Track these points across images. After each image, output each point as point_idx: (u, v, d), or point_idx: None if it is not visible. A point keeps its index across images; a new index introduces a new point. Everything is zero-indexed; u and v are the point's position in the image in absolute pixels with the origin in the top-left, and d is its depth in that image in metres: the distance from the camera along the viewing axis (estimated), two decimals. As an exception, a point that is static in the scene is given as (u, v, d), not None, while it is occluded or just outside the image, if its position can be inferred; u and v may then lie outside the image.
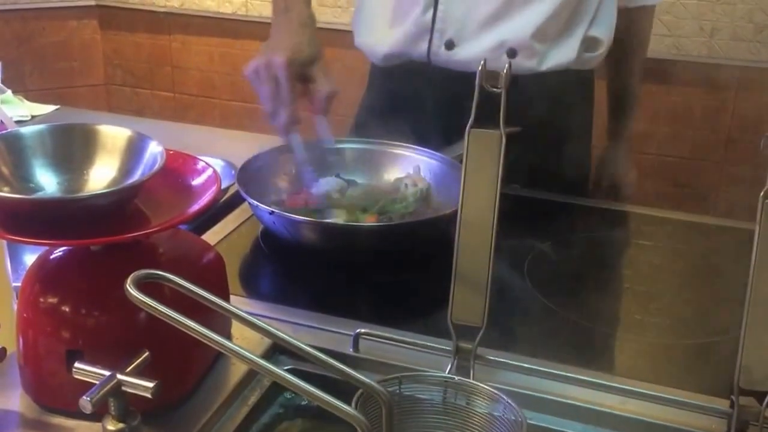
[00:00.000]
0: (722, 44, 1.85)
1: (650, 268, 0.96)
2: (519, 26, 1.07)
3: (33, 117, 1.39)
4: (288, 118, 0.96)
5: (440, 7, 1.09)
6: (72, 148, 0.64)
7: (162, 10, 2.31)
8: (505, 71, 0.60)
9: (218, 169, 0.68)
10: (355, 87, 1.32)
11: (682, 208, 1.30)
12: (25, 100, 1.44)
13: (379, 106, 1.20)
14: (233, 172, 1.08)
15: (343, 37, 2.03)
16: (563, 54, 1.10)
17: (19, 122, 1.33)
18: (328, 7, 2.10)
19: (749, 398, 0.59)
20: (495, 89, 0.60)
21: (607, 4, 1.12)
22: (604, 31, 1.13)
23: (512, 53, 1.08)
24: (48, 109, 1.43)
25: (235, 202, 1.02)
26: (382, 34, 1.15)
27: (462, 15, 1.08)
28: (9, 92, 1.42)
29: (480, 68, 0.60)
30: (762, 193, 0.56)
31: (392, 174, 1.05)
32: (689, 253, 1.00)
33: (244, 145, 1.17)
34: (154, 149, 0.63)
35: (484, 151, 0.62)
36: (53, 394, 0.62)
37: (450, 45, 1.10)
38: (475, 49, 1.08)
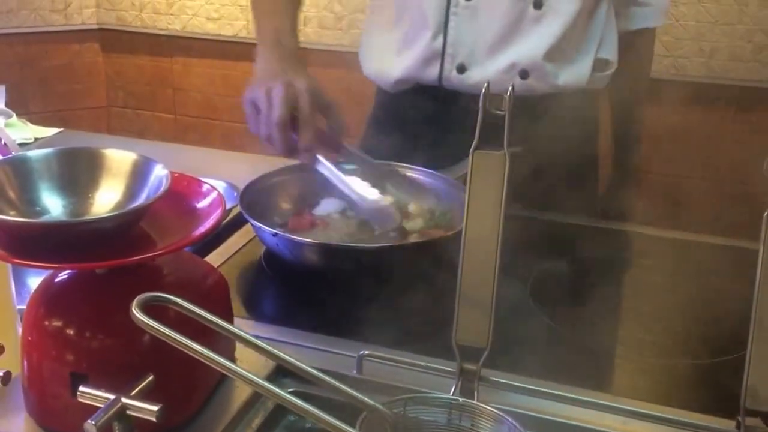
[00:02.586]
0: (721, 64, 1.86)
1: (654, 287, 0.96)
2: (529, 48, 1.08)
3: (36, 140, 1.39)
4: (313, 137, 0.94)
5: (450, 32, 1.10)
6: (77, 172, 0.65)
7: (164, 33, 2.33)
8: (508, 94, 0.61)
9: (220, 191, 0.69)
10: (354, 108, 1.33)
11: (682, 227, 1.30)
12: (28, 123, 1.44)
13: (387, 129, 1.21)
14: (235, 193, 1.08)
15: (343, 58, 2.05)
16: (576, 75, 1.11)
17: (22, 145, 1.33)
18: (329, 30, 2.12)
19: (755, 419, 0.59)
20: (500, 112, 0.61)
21: (610, 26, 1.14)
22: (611, 52, 1.15)
23: (524, 74, 1.09)
24: (51, 131, 1.44)
25: (238, 223, 1.02)
26: (392, 61, 1.16)
27: (472, 38, 1.09)
28: (14, 116, 1.42)
29: (483, 91, 0.61)
30: (766, 214, 0.56)
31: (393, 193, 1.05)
32: (693, 273, 1.00)
33: (246, 167, 1.17)
34: (159, 172, 0.64)
35: (489, 172, 0.62)
36: (58, 417, 0.62)
37: (461, 69, 1.11)
38: (486, 71, 1.09)
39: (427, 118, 1.16)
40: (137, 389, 0.57)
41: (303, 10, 1.18)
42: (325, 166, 0.97)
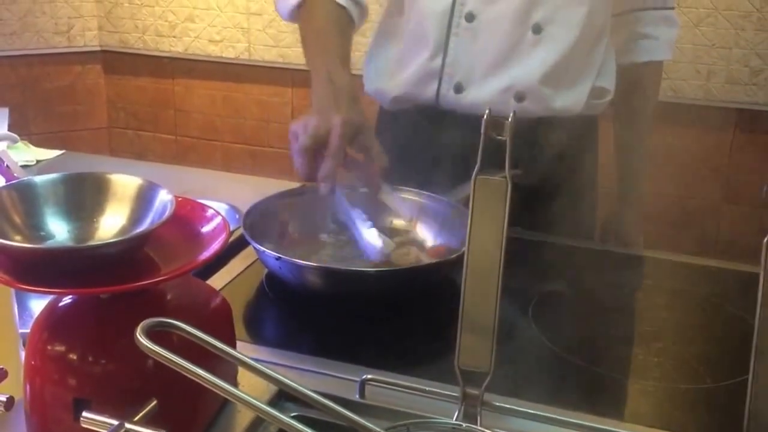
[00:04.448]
0: (718, 87, 1.88)
1: (655, 310, 0.96)
2: (526, 71, 1.09)
3: (38, 162, 1.40)
4: (332, 168, 0.94)
5: (450, 51, 1.11)
6: (83, 197, 0.65)
7: (166, 55, 2.35)
8: (510, 119, 0.61)
9: (223, 214, 0.69)
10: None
11: (681, 248, 1.31)
12: (30, 146, 1.45)
13: (389, 149, 1.22)
14: (237, 216, 1.09)
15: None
16: (571, 100, 1.12)
17: (24, 167, 1.34)
18: (329, 52, 2.13)
19: (758, 445, 0.59)
20: (500, 137, 0.61)
21: (609, 56, 1.16)
22: (609, 81, 1.17)
23: (520, 97, 1.10)
24: (53, 154, 1.44)
25: (239, 245, 1.02)
26: (391, 79, 1.18)
27: (470, 59, 1.11)
28: (19, 141, 1.43)
29: (485, 117, 0.61)
30: (766, 240, 0.56)
31: (394, 216, 1.06)
32: (695, 295, 1.00)
33: (247, 189, 1.18)
34: (164, 197, 0.64)
35: (490, 197, 0.63)
36: (60, 443, 0.62)
37: (459, 88, 1.12)
38: (483, 92, 1.11)
39: (425, 138, 1.17)
40: (141, 414, 0.57)
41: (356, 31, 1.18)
42: (340, 202, 0.98)
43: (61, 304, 0.63)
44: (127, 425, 0.56)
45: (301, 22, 1.14)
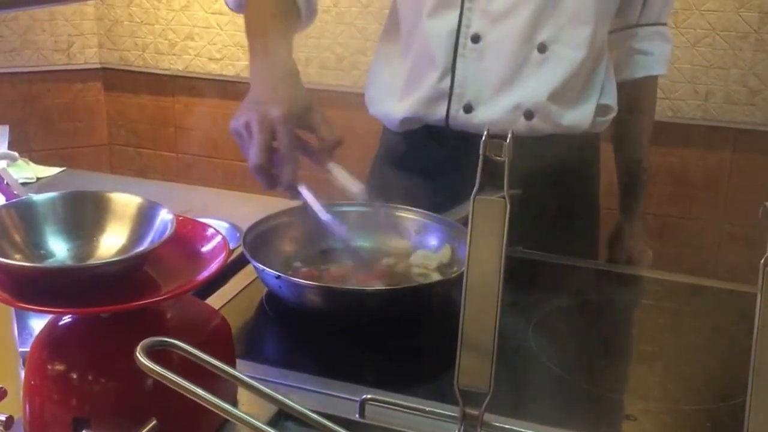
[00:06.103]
0: (716, 107, 1.89)
1: (656, 329, 0.96)
2: (534, 89, 1.10)
3: (38, 179, 1.40)
4: (293, 172, 0.93)
5: (457, 72, 1.12)
6: (83, 215, 0.65)
7: (166, 72, 2.36)
8: (508, 140, 0.62)
9: (222, 232, 0.69)
10: (356, 147, 1.34)
11: (680, 268, 1.31)
12: (30, 163, 1.45)
13: (393, 170, 1.22)
14: (237, 234, 1.09)
15: (345, 98, 2.08)
16: (579, 117, 1.13)
17: (24, 184, 1.34)
18: (329, 70, 2.14)
19: (759, 466, 0.59)
20: (498, 158, 0.62)
21: (610, 75, 1.18)
22: (612, 98, 1.18)
23: (529, 115, 1.11)
24: (53, 171, 1.44)
25: (239, 264, 1.02)
26: (398, 101, 1.18)
27: (478, 79, 1.11)
28: (20, 160, 1.43)
29: (483, 138, 0.62)
30: (762, 261, 0.56)
31: (394, 237, 1.06)
32: (696, 315, 1.00)
33: (248, 207, 1.18)
34: (164, 217, 0.64)
35: (490, 217, 0.63)
36: (58, 462, 0.61)
37: (468, 108, 1.12)
38: (492, 111, 1.11)
39: (432, 159, 1.18)
40: (140, 434, 0.57)
41: (305, 30, 1.17)
42: (307, 199, 0.96)
43: (61, 323, 0.63)
44: (126, 445, 0.55)
45: (247, 10, 1.11)
